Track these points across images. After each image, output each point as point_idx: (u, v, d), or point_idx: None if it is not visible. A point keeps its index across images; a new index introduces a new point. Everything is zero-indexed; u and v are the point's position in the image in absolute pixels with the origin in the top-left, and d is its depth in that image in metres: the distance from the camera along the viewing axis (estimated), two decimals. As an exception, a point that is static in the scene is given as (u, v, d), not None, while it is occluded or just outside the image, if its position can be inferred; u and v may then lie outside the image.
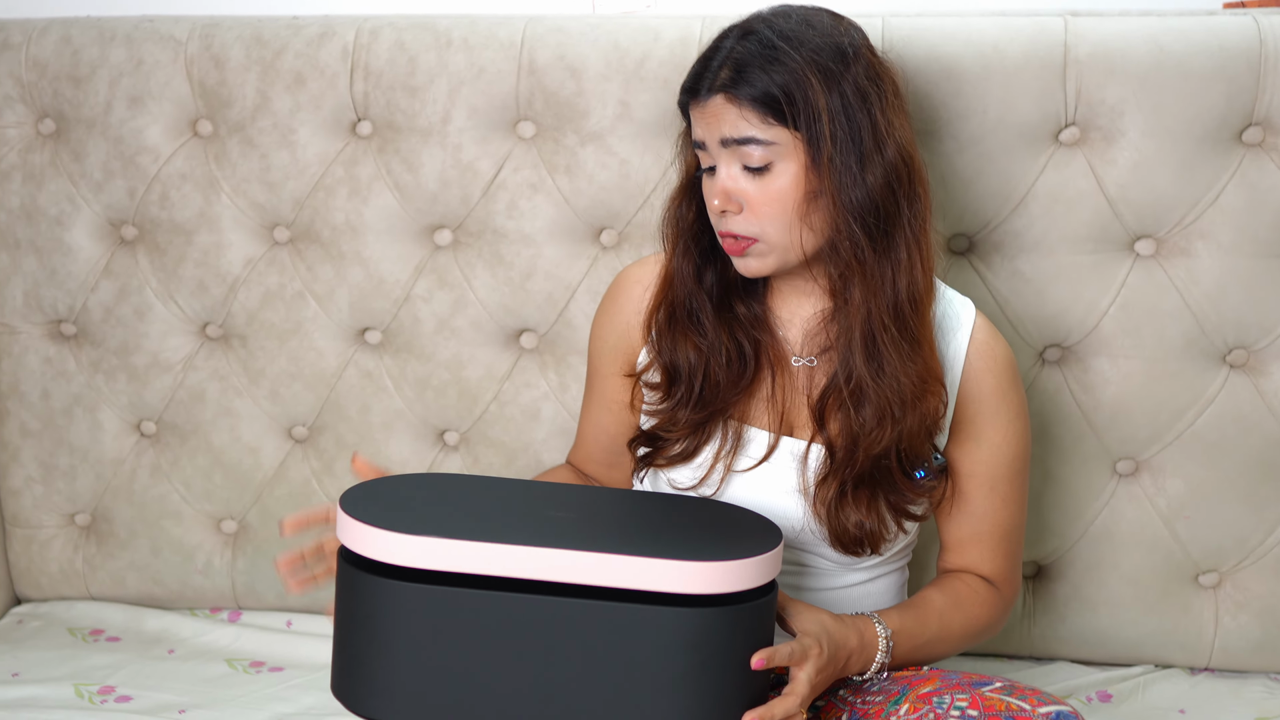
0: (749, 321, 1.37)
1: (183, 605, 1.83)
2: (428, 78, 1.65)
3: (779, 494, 1.37)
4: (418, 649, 1.18)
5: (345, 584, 1.21)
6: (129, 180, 1.73)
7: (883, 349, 1.31)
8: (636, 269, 1.45)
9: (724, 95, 1.28)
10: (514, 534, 1.19)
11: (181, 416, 1.78)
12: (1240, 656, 1.67)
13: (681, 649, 1.18)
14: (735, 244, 1.31)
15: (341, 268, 1.71)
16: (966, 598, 1.41)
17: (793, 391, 1.38)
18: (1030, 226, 1.58)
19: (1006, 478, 1.40)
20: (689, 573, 1.17)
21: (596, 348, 1.47)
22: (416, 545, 1.17)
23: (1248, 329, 1.58)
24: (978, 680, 1.27)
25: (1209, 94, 1.52)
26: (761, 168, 1.28)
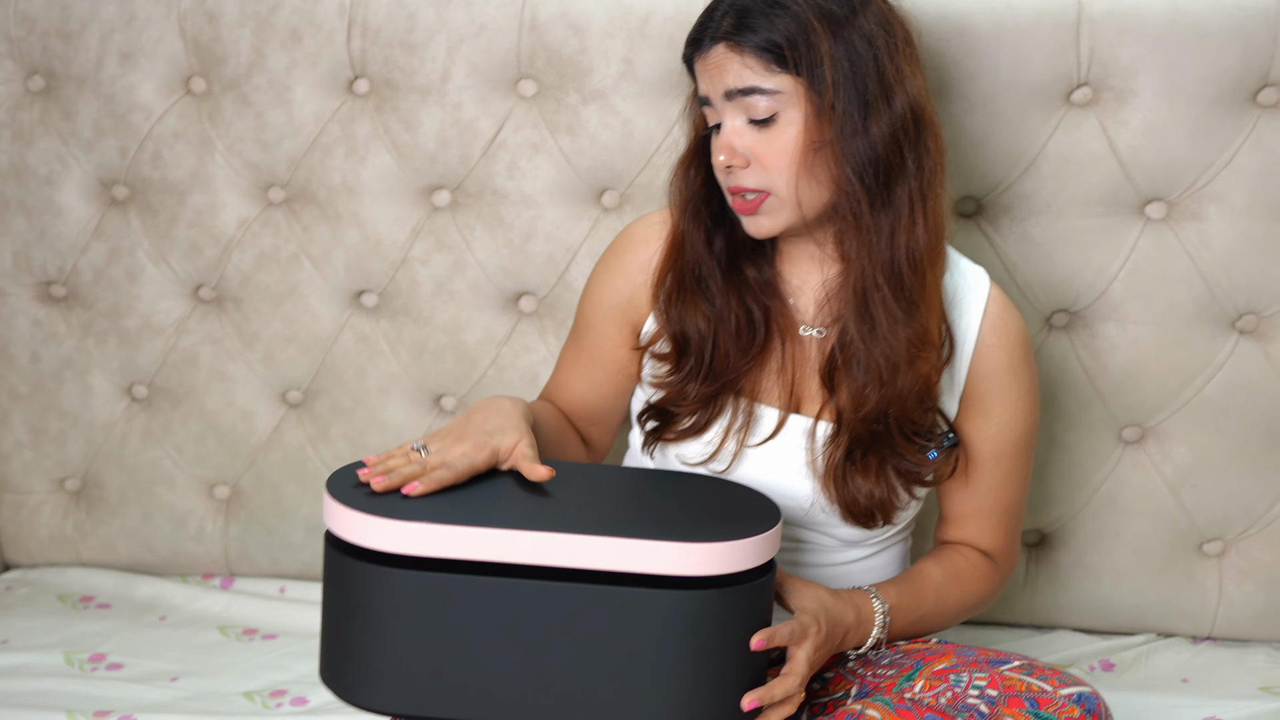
0: (759, 286, 1.34)
1: (174, 572, 1.81)
2: (427, 34, 1.62)
3: (788, 471, 1.35)
4: (409, 636, 1.15)
5: (333, 570, 1.18)
6: (120, 139, 1.70)
7: (874, 309, 1.28)
8: (642, 226, 1.41)
9: (726, 44, 1.25)
10: (507, 517, 1.16)
11: (174, 380, 1.75)
12: (1244, 625, 1.66)
13: (679, 632, 1.15)
14: (745, 202, 1.28)
15: (338, 229, 1.68)
16: (964, 572, 1.39)
17: (803, 363, 1.35)
18: (1040, 189, 1.56)
19: (1012, 454, 1.38)
20: (686, 554, 1.14)
21: (594, 304, 1.42)
22: (407, 531, 1.14)
23: (1259, 294, 1.57)
24: (995, 658, 1.25)
25: (1224, 54, 1.50)
26: (767, 119, 1.25)
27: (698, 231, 1.34)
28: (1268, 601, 1.64)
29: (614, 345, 1.41)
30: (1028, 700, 1.20)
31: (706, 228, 1.34)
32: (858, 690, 1.32)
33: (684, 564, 1.14)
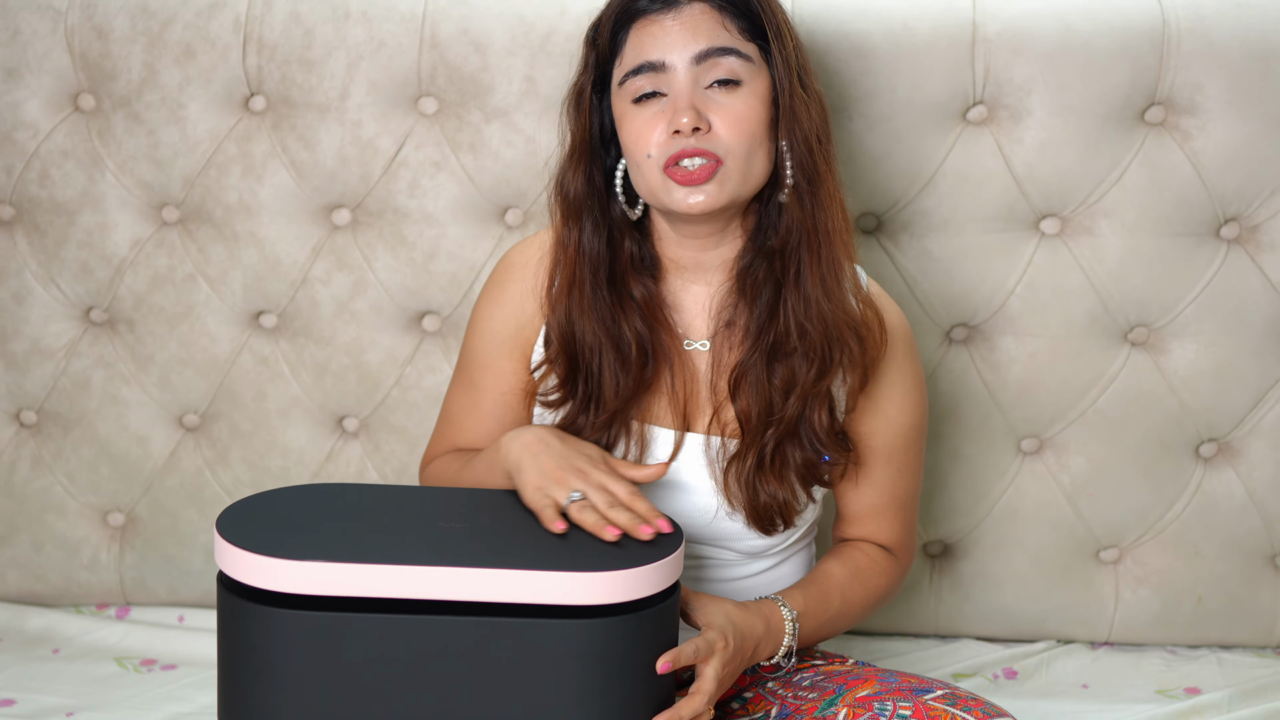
0: (645, 304, 1.32)
1: (67, 602, 1.75)
2: (325, 51, 1.60)
3: (690, 487, 1.34)
4: (307, 678, 1.12)
5: (226, 612, 1.15)
6: (5, 157, 1.65)
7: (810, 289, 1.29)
8: (519, 252, 1.39)
9: (706, 3, 1.26)
10: (401, 552, 1.14)
11: (64, 405, 1.70)
12: (1140, 630, 1.70)
13: (585, 661, 1.14)
14: (692, 171, 1.25)
15: (235, 249, 1.65)
16: (866, 569, 1.40)
17: (692, 381, 1.35)
18: (939, 205, 1.59)
19: (903, 448, 1.40)
20: (587, 584, 1.13)
21: (482, 341, 1.39)
22: (299, 571, 1.12)
23: (1149, 307, 1.61)
24: (918, 686, 1.25)
25: (1113, 73, 1.54)
26: (735, 82, 1.26)
27: (596, 241, 1.31)
28: (1162, 606, 1.68)
29: (511, 379, 1.38)
30: None
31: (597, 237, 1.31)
32: (778, 711, 1.31)
33: (586, 593, 1.13)
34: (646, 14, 1.27)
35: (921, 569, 1.70)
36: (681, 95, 1.25)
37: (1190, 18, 1.54)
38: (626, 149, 1.28)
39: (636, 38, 1.28)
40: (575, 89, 1.33)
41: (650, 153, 1.26)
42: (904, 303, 1.61)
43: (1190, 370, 1.62)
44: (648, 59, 1.27)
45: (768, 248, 1.30)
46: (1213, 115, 1.55)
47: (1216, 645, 1.70)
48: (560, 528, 1.19)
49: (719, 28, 1.26)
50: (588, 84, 1.32)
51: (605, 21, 1.30)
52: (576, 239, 1.31)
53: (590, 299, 1.31)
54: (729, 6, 1.27)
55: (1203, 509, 1.65)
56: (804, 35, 1.54)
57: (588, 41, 1.32)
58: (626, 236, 1.32)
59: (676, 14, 1.27)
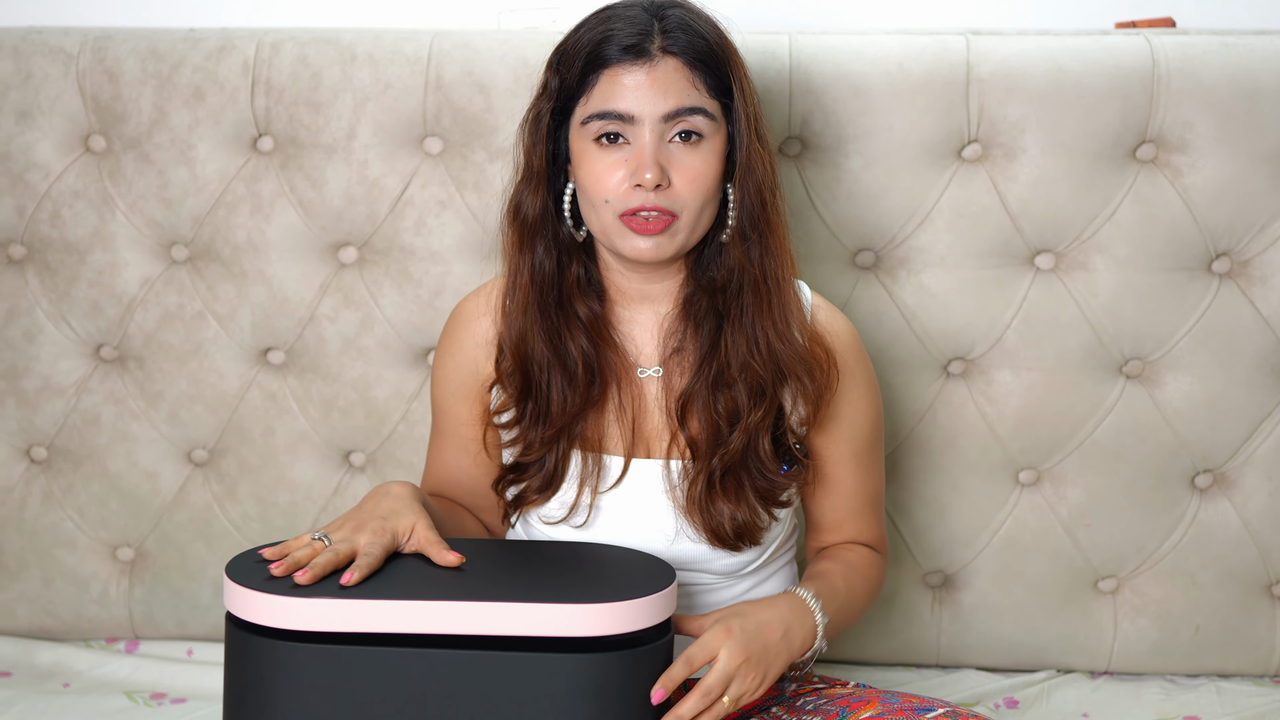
0: (590, 325, 1.35)
1: (76, 637, 1.77)
2: (332, 93, 1.62)
3: (646, 510, 1.36)
4: (313, 711, 1.15)
5: (235, 649, 1.19)
6: (17, 198, 1.68)
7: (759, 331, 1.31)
8: (469, 303, 1.42)
9: (680, 60, 1.27)
10: (405, 589, 1.18)
11: (75, 441, 1.72)
12: (1138, 659, 1.71)
13: (582, 695, 1.16)
14: (648, 222, 1.27)
15: (243, 287, 1.67)
16: (859, 563, 1.42)
17: (641, 404, 1.37)
18: (935, 241, 1.61)
19: (868, 450, 1.42)
20: (583, 615, 1.16)
21: (442, 390, 1.42)
22: (305, 608, 1.15)
23: (1143, 340, 1.63)
24: (920, 705, 1.27)
25: (1104, 112, 1.57)
26: (699, 138, 1.28)
27: (543, 260, 1.34)
28: (1160, 635, 1.70)
29: (470, 425, 1.41)
30: None
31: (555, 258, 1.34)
32: None
33: (582, 625, 1.16)
34: (619, 62, 1.27)
35: (922, 599, 1.71)
36: (646, 150, 1.26)
37: (1179, 58, 1.57)
38: (583, 188, 1.30)
39: (607, 83, 1.28)
40: (534, 112, 1.33)
41: (608, 198, 1.28)
42: (902, 337, 1.63)
43: (1185, 402, 1.64)
44: (616, 109, 1.27)
45: (709, 281, 1.34)
46: (1202, 152, 1.58)
47: (1215, 674, 1.71)
48: (276, 567, 1.20)
49: (689, 86, 1.27)
50: (547, 111, 1.32)
51: (574, 57, 1.30)
52: (530, 261, 1.34)
53: (539, 318, 1.33)
54: (699, 64, 1.28)
55: (1199, 539, 1.67)
56: (801, 77, 1.58)
57: (550, 67, 1.32)
58: (574, 259, 1.35)
59: (650, 69, 1.27)
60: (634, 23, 1.28)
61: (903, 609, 1.71)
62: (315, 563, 1.19)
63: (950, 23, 1.73)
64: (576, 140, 1.30)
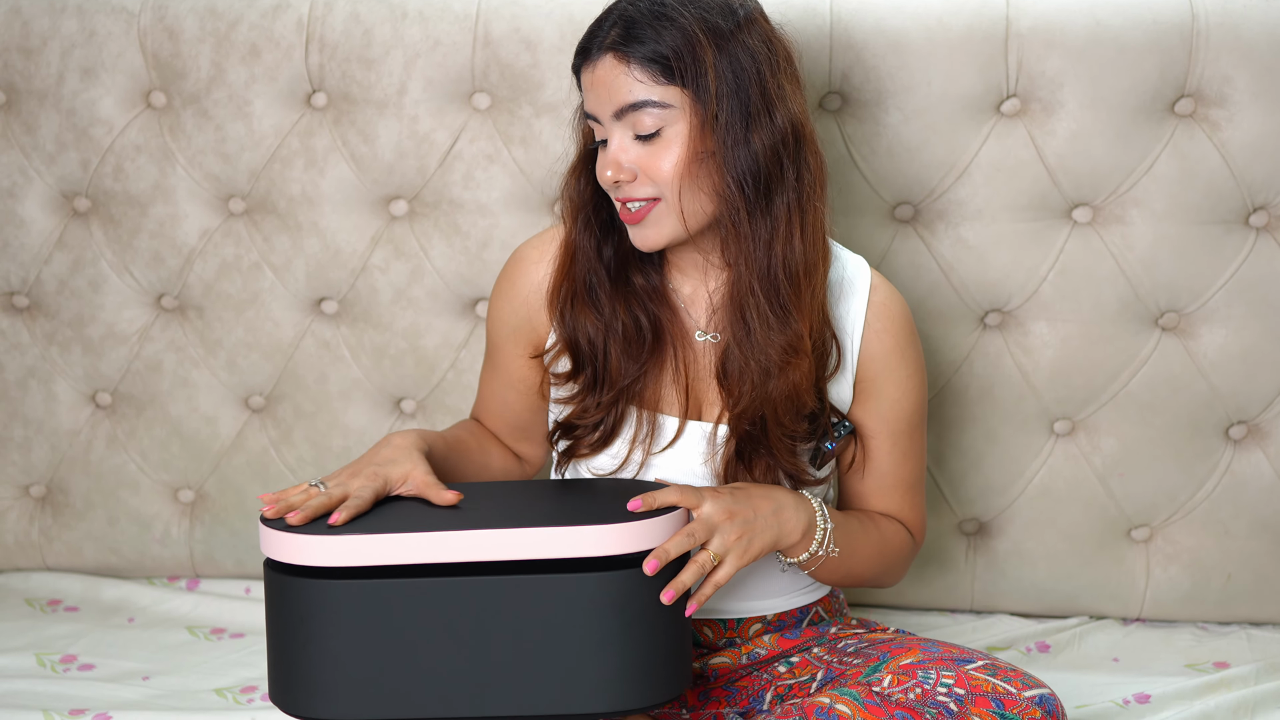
0: (646, 294, 1.38)
1: (140, 574, 1.84)
2: (383, 50, 1.67)
3: (690, 475, 1.39)
4: (352, 644, 1.22)
5: (274, 592, 1.25)
6: (82, 152, 1.74)
7: (749, 316, 1.31)
8: (530, 247, 1.45)
9: (614, 54, 1.27)
10: (431, 522, 1.24)
11: (137, 387, 1.79)
12: (1170, 607, 1.74)
13: (606, 612, 1.22)
14: (631, 212, 1.31)
15: (298, 238, 1.73)
16: (882, 521, 1.44)
17: (697, 369, 1.40)
18: (973, 195, 1.64)
19: (906, 432, 1.43)
20: (603, 535, 1.22)
21: (495, 327, 1.47)
22: (339, 544, 1.21)
23: (1178, 293, 1.65)
24: (960, 656, 1.30)
25: (1143, 66, 1.58)
26: (653, 134, 1.28)
27: (588, 240, 1.37)
28: (1192, 584, 1.72)
29: (519, 364, 1.46)
30: (994, 700, 1.25)
31: (596, 237, 1.37)
32: (823, 675, 1.37)
33: (602, 544, 1.22)
34: (585, 60, 1.30)
35: (957, 546, 1.75)
36: (610, 149, 1.29)
37: (1218, 12, 1.58)
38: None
39: (583, 84, 1.31)
40: (579, 105, 1.37)
41: (605, 189, 1.33)
42: (939, 289, 1.66)
43: (1219, 354, 1.66)
44: (589, 110, 1.31)
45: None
46: (1241, 107, 1.59)
47: (1246, 622, 1.74)
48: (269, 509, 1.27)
49: (629, 80, 1.27)
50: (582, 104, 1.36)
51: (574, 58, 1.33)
52: (581, 237, 1.37)
53: (588, 293, 1.37)
54: (637, 58, 1.26)
55: (1232, 489, 1.69)
56: (842, 33, 1.60)
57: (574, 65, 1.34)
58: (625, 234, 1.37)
59: (593, 69, 1.29)
60: (599, 22, 1.30)
61: (938, 555, 1.75)
62: (307, 505, 1.25)
63: (990, -22, 1.74)
64: None
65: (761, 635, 1.43)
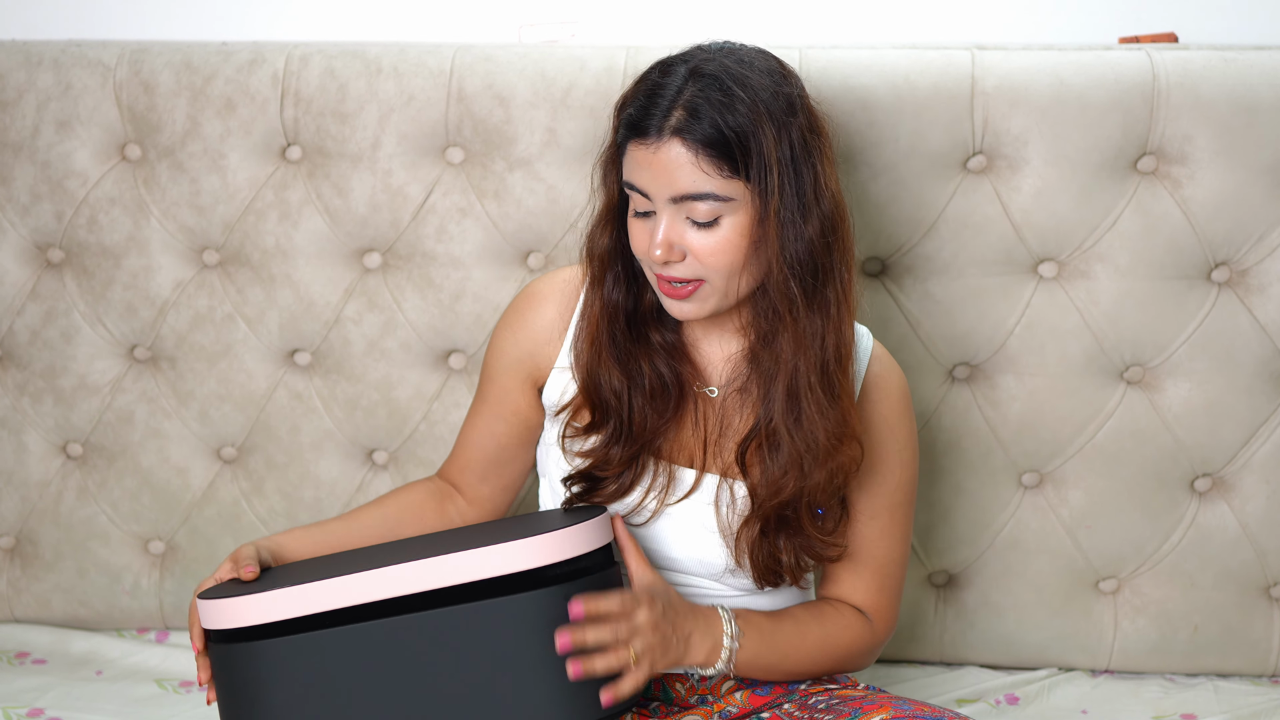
0: (666, 349, 1.38)
1: (109, 627, 1.83)
2: (358, 104, 1.68)
3: (704, 532, 1.39)
4: (297, 698, 1.24)
5: (218, 663, 1.28)
6: (56, 204, 1.74)
7: (804, 404, 1.31)
8: (544, 284, 1.45)
9: (681, 141, 1.25)
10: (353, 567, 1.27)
11: (109, 438, 1.79)
12: (1138, 658, 1.75)
13: (536, 631, 1.23)
14: (675, 289, 1.31)
15: (271, 290, 1.74)
16: (829, 615, 1.42)
17: (714, 423, 1.40)
18: (940, 250, 1.66)
19: (888, 509, 1.42)
20: (521, 550, 1.23)
21: (496, 358, 1.47)
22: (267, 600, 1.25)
23: (1143, 347, 1.67)
24: (931, 715, 1.29)
25: (1106, 124, 1.61)
26: (710, 222, 1.27)
27: (617, 296, 1.37)
28: (1159, 636, 1.74)
29: (515, 398, 1.46)
30: None
31: (624, 292, 1.37)
32: None
33: (522, 559, 1.23)
34: (636, 138, 1.27)
35: (927, 598, 1.76)
36: (660, 228, 1.27)
37: (1179, 72, 1.61)
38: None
39: (630, 157, 1.29)
40: (606, 153, 1.36)
41: (642, 258, 1.33)
42: (907, 342, 1.68)
43: (1184, 408, 1.68)
44: (635, 183, 1.29)
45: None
46: (1202, 164, 1.62)
47: (1213, 674, 1.75)
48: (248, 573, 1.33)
49: (695, 170, 1.24)
50: (612, 155, 1.35)
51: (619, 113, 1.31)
52: (600, 293, 1.38)
53: (610, 346, 1.37)
54: (707, 148, 1.24)
55: (1198, 541, 1.71)
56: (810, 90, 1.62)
57: (617, 111, 1.33)
58: (647, 289, 1.38)
59: (655, 150, 1.26)
60: (655, 96, 1.27)
61: (908, 608, 1.75)
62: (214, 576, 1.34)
63: (956, 38, 1.77)
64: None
65: (733, 693, 1.43)
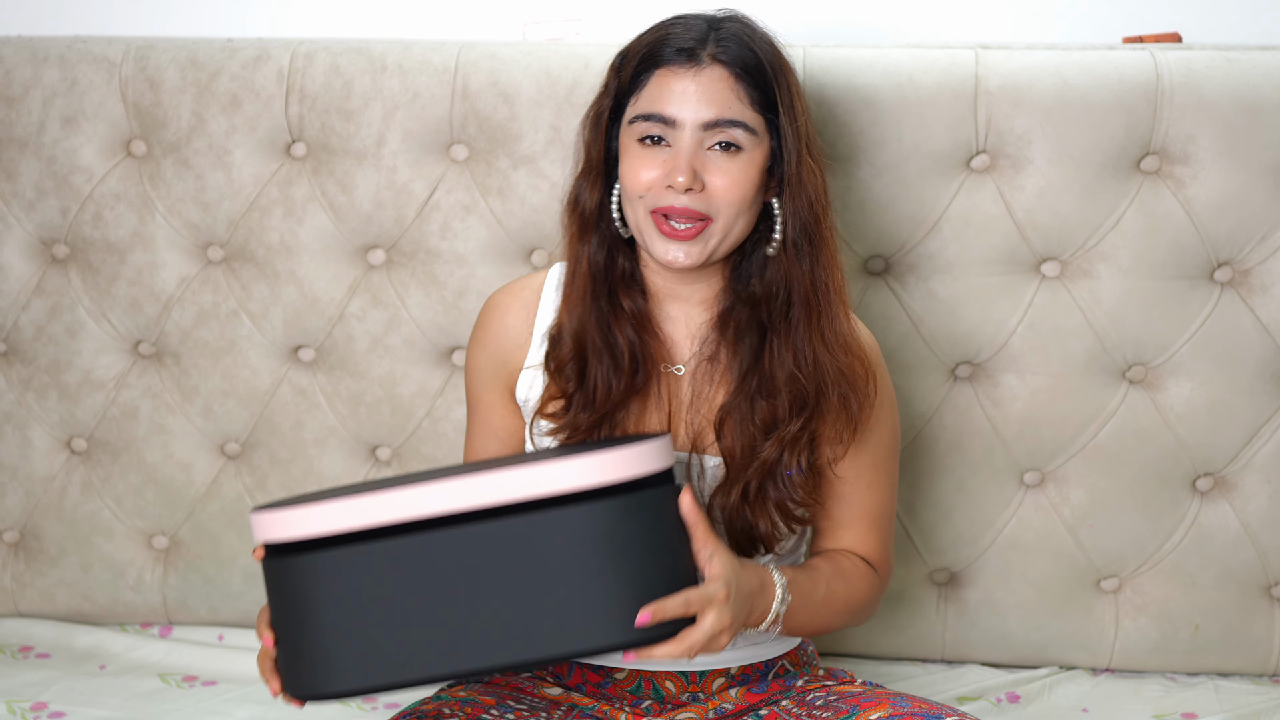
0: (634, 318, 1.39)
1: (113, 621, 1.84)
2: (363, 101, 1.69)
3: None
4: (351, 613, 1.21)
5: (271, 578, 1.25)
6: (61, 199, 1.75)
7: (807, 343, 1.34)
8: (503, 294, 1.47)
9: (724, 67, 1.31)
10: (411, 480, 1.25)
11: (113, 434, 1.79)
12: (1139, 657, 1.75)
13: (592, 544, 1.20)
14: (680, 229, 1.32)
15: (276, 287, 1.74)
16: (849, 570, 1.43)
17: (682, 399, 1.41)
18: (943, 249, 1.66)
19: (872, 465, 1.43)
20: (579, 467, 1.21)
21: (474, 377, 1.48)
22: (322, 511, 1.21)
23: (1145, 347, 1.68)
24: (929, 711, 1.29)
25: (1109, 124, 1.62)
26: (737, 148, 1.31)
27: (600, 248, 1.38)
28: (1160, 635, 1.74)
29: (499, 411, 1.47)
30: None
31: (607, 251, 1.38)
32: None
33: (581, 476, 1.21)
34: (671, 64, 1.32)
35: (929, 596, 1.76)
36: (683, 154, 1.30)
37: (1182, 72, 1.62)
38: (622, 181, 1.35)
39: (656, 85, 1.33)
40: (595, 110, 1.39)
41: (643, 194, 1.33)
42: (910, 341, 1.69)
43: (1186, 407, 1.68)
44: (660, 111, 1.32)
45: (750, 294, 1.37)
46: (1204, 165, 1.62)
47: (1214, 673, 1.75)
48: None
49: (733, 98, 1.31)
50: (606, 108, 1.37)
51: (632, 56, 1.35)
52: (587, 251, 1.39)
53: (593, 307, 1.38)
54: (746, 76, 1.31)
55: (1199, 541, 1.71)
56: (814, 89, 1.63)
57: (613, 68, 1.38)
58: (621, 254, 1.39)
59: (697, 74, 1.31)
60: (692, 28, 1.33)
61: (910, 605, 1.76)
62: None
63: (960, 38, 1.77)
64: (623, 137, 1.35)
65: (727, 689, 1.43)
